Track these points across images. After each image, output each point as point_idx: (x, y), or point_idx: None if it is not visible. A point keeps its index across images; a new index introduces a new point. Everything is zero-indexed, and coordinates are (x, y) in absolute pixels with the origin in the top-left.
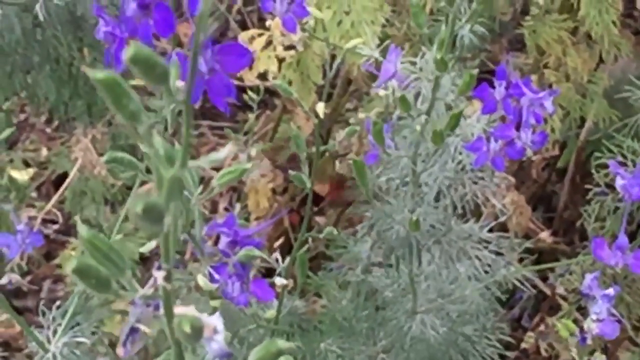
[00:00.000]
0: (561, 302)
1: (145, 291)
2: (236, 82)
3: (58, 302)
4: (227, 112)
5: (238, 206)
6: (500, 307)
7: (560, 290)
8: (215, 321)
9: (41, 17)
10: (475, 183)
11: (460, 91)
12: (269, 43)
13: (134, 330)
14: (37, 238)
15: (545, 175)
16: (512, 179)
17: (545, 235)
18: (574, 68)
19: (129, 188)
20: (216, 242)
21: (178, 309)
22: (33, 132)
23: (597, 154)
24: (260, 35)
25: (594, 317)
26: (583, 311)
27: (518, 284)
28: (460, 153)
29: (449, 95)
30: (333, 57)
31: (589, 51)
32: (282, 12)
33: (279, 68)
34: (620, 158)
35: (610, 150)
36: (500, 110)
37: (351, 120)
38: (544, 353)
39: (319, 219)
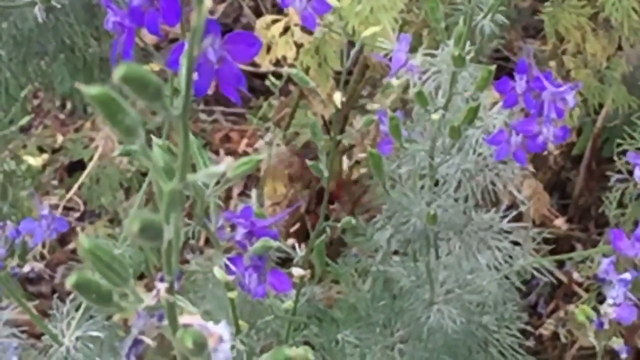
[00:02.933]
0: (577, 289)
1: (149, 303)
2: (251, 69)
3: (72, 295)
4: (239, 101)
5: (254, 193)
6: (517, 294)
7: (575, 276)
8: (221, 330)
9: (56, 5)
10: (497, 174)
11: (478, 87)
12: (286, 29)
13: (137, 342)
14: (62, 223)
15: (560, 162)
16: (530, 167)
17: (560, 222)
18: (593, 54)
19: (143, 174)
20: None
21: (184, 319)
22: (46, 118)
23: (618, 140)
24: (277, 21)
25: (610, 301)
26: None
27: (535, 272)
28: (481, 146)
29: (469, 87)
30: (351, 43)
31: (608, 37)
32: (301, 9)
33: (297, 54)
34: None
35: (632, 137)
36: (522, 103)
37: (367, 107)
38: (563, 339)
39: (333, 207)
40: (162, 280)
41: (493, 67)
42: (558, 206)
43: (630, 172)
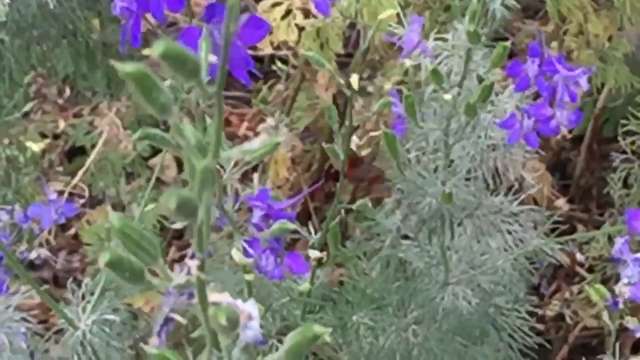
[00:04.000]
0: (579, 269)
1: (179, 280)
2: (250, 52)
3: (87, 280)
4: (249, 83)
5: (257, 176)
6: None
7: (578, 257)
8: (250, 308)
9: None
10: (509, 158)
11: (493, 63)
12: (288, 12)
13: (168, 320)
14: (70, 208)
15: (561, 143)
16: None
17: (561, 202)
18: (595, 35)
19: (145, 158)
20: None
21: (212, 296)
22: (45, 103)
23: (622, 121)
24: (278, 4)
25: (625, 280)
26: (606, 279)
27: (541, 253)
28: (493, 130)
29: (480, 68)
30: (352, 25)
31: (610, 17)
32: None
33: (298, 37)
34: None
35: (636, 117)
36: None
37: (369, 89)
38: (568, 320)
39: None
40: (193, 257)
41: (508, 43)
42: (559, 187)
43: (636, 153)
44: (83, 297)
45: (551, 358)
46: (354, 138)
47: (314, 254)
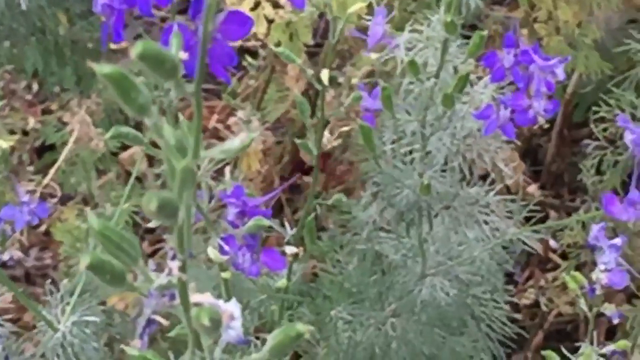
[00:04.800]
0: (552, 255)
1: (161, 282)
2: None
3: (65, 281)
4: (229, 80)
5: (228, 171)
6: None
7: (552, 244)
8: (232, 308)
9: None
10: (485, 148)
11: (469, 53)
12: (257, 4)
13: (150, 322)
14: (43, 209)
15: (531, 129)
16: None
17: (533, 189)
18: (565, 21)
19: (114, 154)
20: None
21: (195, 297)
22: (14, 99)
23: (594, 108)
24: None
25: (602, 267)
26: (581, 265)
27: (516, 242)
28: (469, 121)
29: (456, 59)
30: (321, 14)
31: (579, 3)
32: None
33: (268, 29)
34: (617, 111)
35: (608, 104)
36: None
37: (340, 80)
38: (544, 308)
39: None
40: (174, 258)
41: (485, 32)
42: (530, 173)
43: (608, 139)
44: (62, 299)
45: (527, 345)
46: (326, 132)
47: (291, 250)
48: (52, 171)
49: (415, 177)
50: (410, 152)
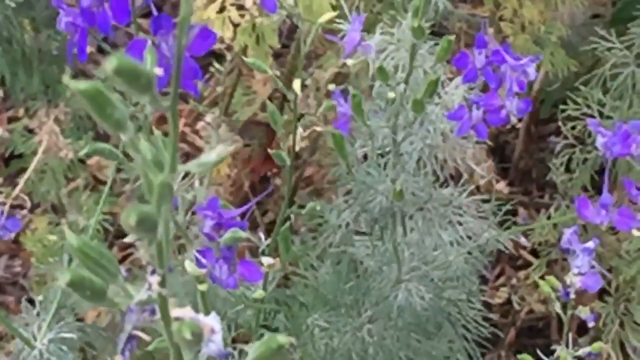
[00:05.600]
0: (522, 252)
1: (141, 297)
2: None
3: (40, 297)
4: (197, 94)
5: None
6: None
7: (522, 241)
8: (212, 321)
9: None
10: (456, 149)
11: (438, 58)
12: (222, 9)
13: (131, 338)
14: (15, 223)
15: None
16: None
17: (502, 186)
18: (530, 19)
19: (82, 161)
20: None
21: (175, 312)
22: None
23: (562, 106)
24: (213, 0)
25: (575, 270)
26: (551, 263)
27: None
28: (441, 122)
29: (427, 62)
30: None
31: (544, 1)
32: None
33: (234, 33)
34: (585, 110)
35: (575, 102)
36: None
37: (307, 82)
38: (516, 306)
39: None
40: (153, 273)
41: (452, 37)
42: (498, 170)
43: (577, 138)
44: (37, 315)
45: (500, 343)
46: (300, 130)
47: (267, 261)
48: (21, 182)
49: (387, 183)
50: (382, 155)
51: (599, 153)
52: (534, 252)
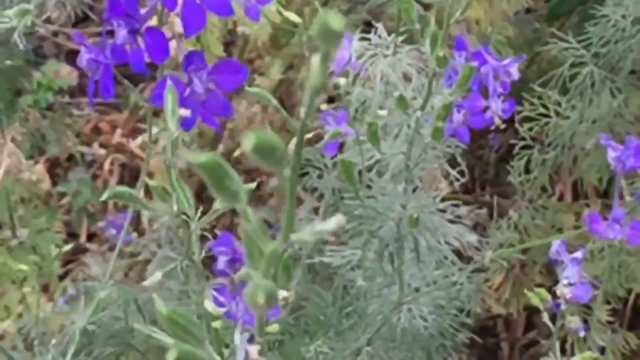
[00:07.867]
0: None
1: None
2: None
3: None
4: (219, 129)
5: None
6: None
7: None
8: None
9: None
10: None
11: (458, 84)
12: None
13: None
14: None
15: None
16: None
17: (443, 185)
18: (477, 20)
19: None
20: None
21: None
22: None
23: (518, 107)
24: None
25: (565, 281)
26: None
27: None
28: (422, 127)
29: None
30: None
31: (489, 1)
32: (245, 1)
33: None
34: (542, 110)
35: (532, 103)
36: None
37: (247, 90)
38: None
39: None
40: (251, 340)
41: (474, 64)
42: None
43: (534, 139)
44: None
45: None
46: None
47: (282, 294)
48: None
49: (399, 209)
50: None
51: (557, 153)
52: None
